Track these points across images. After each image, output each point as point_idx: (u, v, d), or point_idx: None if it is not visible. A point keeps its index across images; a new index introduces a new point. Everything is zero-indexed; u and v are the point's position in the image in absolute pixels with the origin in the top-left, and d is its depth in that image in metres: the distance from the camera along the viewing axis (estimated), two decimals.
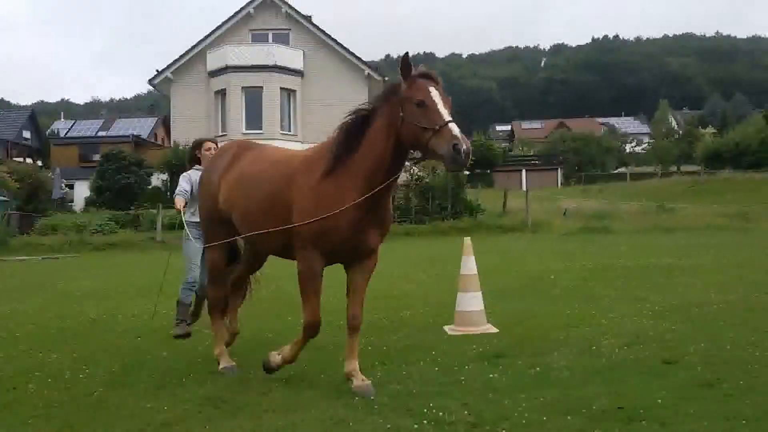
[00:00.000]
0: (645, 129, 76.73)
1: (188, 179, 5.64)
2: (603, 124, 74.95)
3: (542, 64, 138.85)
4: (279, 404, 3.88)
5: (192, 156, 5.92)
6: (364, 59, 30.97)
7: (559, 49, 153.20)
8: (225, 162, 4.74)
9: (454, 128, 3.59)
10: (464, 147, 3.52)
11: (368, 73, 30.04)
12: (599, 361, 4.60)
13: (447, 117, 3.65)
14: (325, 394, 4.06)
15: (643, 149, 62.79)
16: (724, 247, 13.13)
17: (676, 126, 64.86)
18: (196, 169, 5.65)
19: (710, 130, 66.53)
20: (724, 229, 19.39)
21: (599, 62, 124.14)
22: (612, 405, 3.62)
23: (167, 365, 4.98)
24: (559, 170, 48.25)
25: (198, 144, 5.93)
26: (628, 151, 63.37)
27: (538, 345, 5.08)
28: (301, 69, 29.64)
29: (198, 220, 5.23)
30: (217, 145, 5.88)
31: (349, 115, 4.15)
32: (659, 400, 3.66)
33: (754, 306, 6.42)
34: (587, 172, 48.64)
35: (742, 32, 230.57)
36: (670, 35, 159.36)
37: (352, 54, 30.31)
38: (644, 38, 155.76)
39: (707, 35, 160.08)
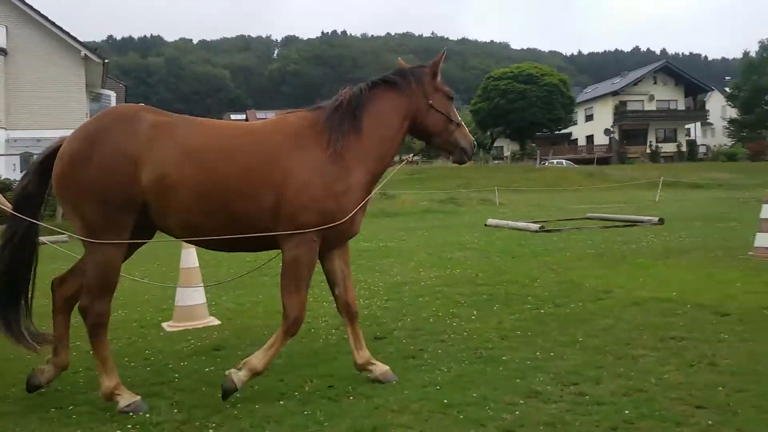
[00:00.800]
0: None
1: None
2: None
3: (275, 54, 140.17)
4: None
5: None
6: (82, 39, 28.25)
7: (290, 40, 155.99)
8: (141, 133, 3.50)
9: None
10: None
11: (85, 54, 27.40)
12: (316, 343, 4.73)
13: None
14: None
15: None
16: (434, 229, 14.50)
17: None
18: None
19: None
20: (438, 212, 21.47)
21: (329, 56, 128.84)
22: (323, 385, 3.73)
23: None
24: None
25: None
26: None
27: (258, 334, 5.06)
28: (4, 47, 26.11)
29: None
30: None
31: (354, 87, 3.89)
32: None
33: (457, 281, 7.13)
34: None
35: (453, 34, 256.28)
36: (393, 33, 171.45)
37: (66, 33, 27.40)
38: (369, 35, 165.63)
39: (424, 35, 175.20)
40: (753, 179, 34.07)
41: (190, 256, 5.80)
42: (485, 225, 14.92)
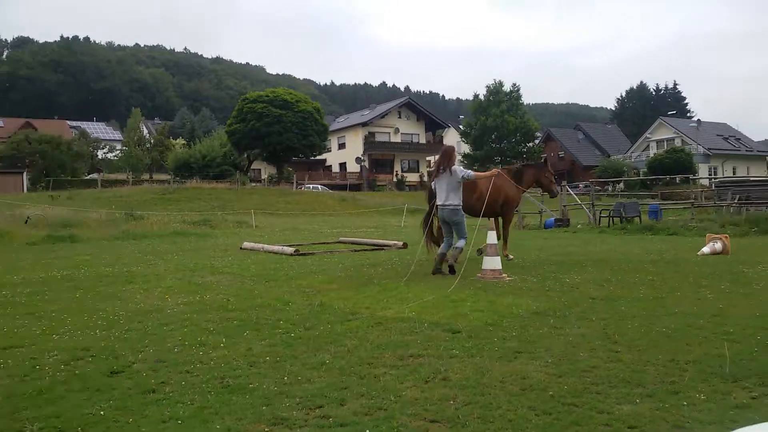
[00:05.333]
0: (118, 136, 76.58)
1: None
2: (74, 127, 71.82)
3: (4, 56, 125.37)
4: None
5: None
6: None
7: (23, 42, 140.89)
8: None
9: None
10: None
11: None
12: (42, 381, 4.21)
13: None
14: None
15: (115, 156, 62.41)
16: (186, 252, 13.95)
17: (148, 135, 66.44)
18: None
19: (180, 141, 70.48)
20: (191, 235, 20.70)
21: (69, 62, 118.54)
22: (49, 427, 3.33)
23: None
24: (24, 174, 44.17)
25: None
26: (100, 157, 62.12)
27: None
28: None
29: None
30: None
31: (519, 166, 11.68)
32: (102, 413, 3.53)
33: (207, 307, 6.88)
34: (56, 177, 45.79)
35: (207, 52, 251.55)
36: (142, 45, 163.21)
37: None
38: (116, 44, 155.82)
39: (177, 50, 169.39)
40: None
41: None
42: (240, 248, 14.72)
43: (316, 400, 3.65)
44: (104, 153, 63.35)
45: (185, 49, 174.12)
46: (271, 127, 49.14)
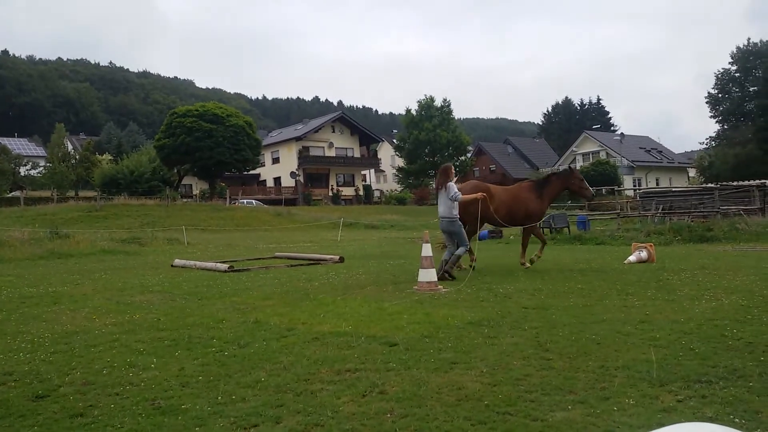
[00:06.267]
0: (41, 152, 73.75)
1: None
2: None
3: None
4: None
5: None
6: None
7: None
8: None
9: None
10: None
11: None
12: None
13: None
14: None
15: (39, 173, 59.99)
16: (115, 271, 13.51)
17: (73, 151, 64.18)
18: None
19: (107, 156, 68.40)
20: (120, 253, 20.07)
21: None
22: None
23: None
24: None
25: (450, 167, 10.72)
26: (22, 174, 59.57)
27: None
28: None
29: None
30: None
31: (543, 177, 12.53)
32: None
33: (137, 327, 6.66)
34: None
35: (134, 66, 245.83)
36: (65, 59, 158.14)
37: None
38: (37, 58, 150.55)
39: (102, 64, 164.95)
40: (418, 221, 38.42)
41: None
42: (171, 266, 14.36)
43: (251, 419, 3.58)
44: (27, 170, 60.71)
45: (110, 63, 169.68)
46: (202, 142, 48.26)
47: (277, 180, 67.67)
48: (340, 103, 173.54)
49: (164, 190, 45.83)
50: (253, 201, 53.75)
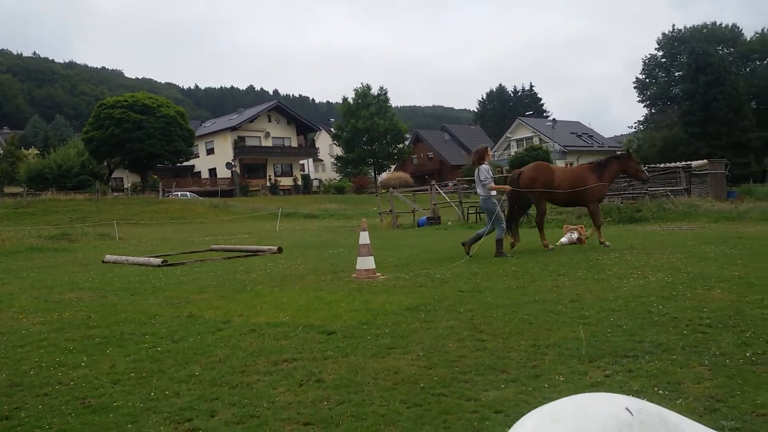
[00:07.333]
0: None
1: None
2: None
3: None
4: None
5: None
6: None
7: None
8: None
9: None
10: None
11: None
12: None
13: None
14: None
15: None
16: (43, 269, 13.04)
17: None
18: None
19: (33, 151, 65.73)
20: (48, 250, 19.36)
21: None
22: None
23: None
24: None
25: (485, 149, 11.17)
26: None
27: None
28: None
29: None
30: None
31: (603, 159, 12.43)
32: None
33: (66, 325, 6.44)
34: None
35: (59, 57, 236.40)
36: None
37: None
38: None
39: (25, 55, 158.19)
40: (357, 209, 38.47)
41: None
42: (102, 262, 13.96)
43: (185, 414, 3.53)
44: None
45: (34, 53, 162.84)
46: (132, 133, 46.93)
47: (213, 171, 66.43)
48: (276, 92, 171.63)
49: (94, 184, 44.33)
50: (188, 193, 52.65)
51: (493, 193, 10.87)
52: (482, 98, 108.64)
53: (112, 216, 31.55)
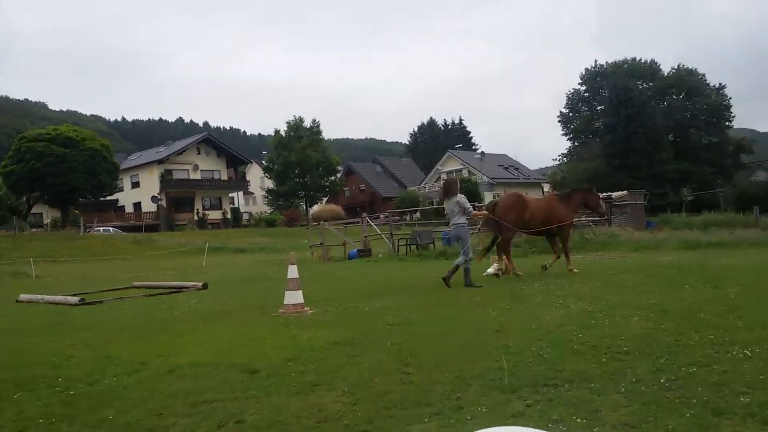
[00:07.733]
0: None
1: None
2: None
3: None
4: None
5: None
6: None
7: None
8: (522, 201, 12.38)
9: None
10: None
11: None
12: None
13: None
14: None
15: None
16: None
17: None
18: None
19: None
20: None
21: None
22: None
23: None
24: None
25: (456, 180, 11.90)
26: None
27: None
28: None
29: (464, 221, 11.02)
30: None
31: (568, 191, 13.83)
32: None
33: None
34: None
35: None
36: None
37: None
38: None
39: None
40: (288, 243, 38.10)
41: None
42: (17, 301, 13.27)
43: None
44: None
45: None
46: (54, 167, 45.28)
47: (137, 205, 64.63)
48: (206, 124, 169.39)
49: (11, 220, 42.37)
50: (111, 228, 50.97)
51: (462, 219, 10.97)
52: (414, 131, 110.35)
53: (30, 253, 30.14)
